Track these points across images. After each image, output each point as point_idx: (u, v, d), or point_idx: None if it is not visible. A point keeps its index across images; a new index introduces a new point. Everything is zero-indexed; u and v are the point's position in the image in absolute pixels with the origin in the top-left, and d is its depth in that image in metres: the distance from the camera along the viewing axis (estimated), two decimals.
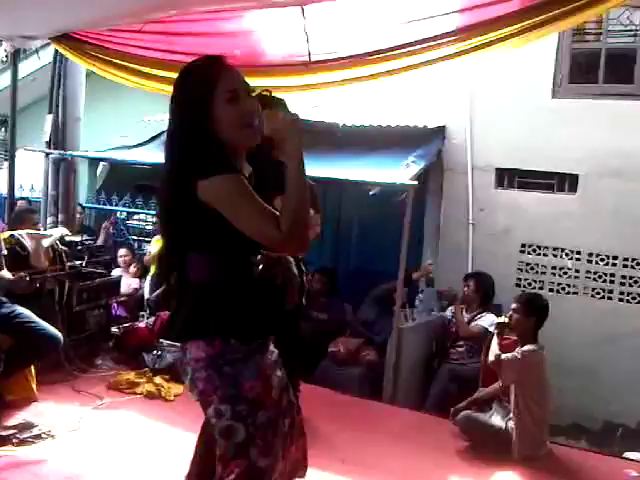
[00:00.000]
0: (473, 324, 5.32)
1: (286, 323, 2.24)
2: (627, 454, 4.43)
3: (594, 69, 5.62)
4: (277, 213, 1.88)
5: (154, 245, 6.93)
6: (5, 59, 7.73)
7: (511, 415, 4.08)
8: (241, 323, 1.99)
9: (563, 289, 5.73)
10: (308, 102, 3.69)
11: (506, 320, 4.26)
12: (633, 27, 5.66)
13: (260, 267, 2.08)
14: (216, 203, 1.88)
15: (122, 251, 7.00)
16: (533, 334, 4.16)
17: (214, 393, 1.98)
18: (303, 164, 1.88)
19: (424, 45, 3.66)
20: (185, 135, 2.00)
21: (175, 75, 2.13)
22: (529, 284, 5.85)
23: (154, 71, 4.60)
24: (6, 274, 4.14)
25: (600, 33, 5.78)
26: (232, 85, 1.96)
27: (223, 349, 1.96)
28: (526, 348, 4.08)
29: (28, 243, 4.66)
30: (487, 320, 5.21)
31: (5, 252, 4.27)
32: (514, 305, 4.25)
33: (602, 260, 5.58)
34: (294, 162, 1.88)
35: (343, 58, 4.02)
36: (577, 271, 5.67)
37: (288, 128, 1.89)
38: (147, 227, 8.09)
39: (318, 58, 4.14)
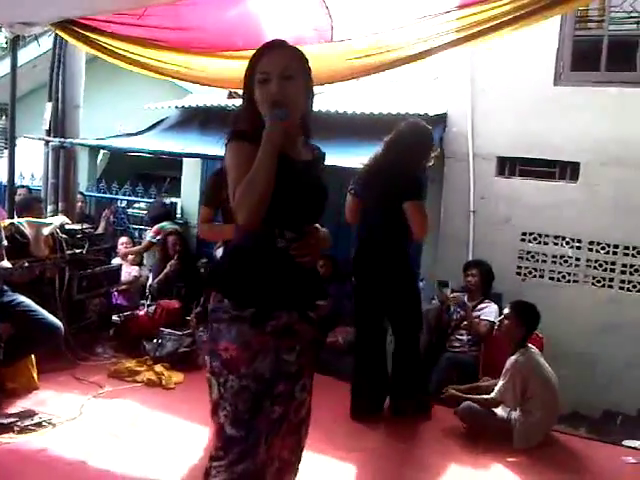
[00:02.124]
0: (476, 313, 5.32)
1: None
2: (626, 442, 4.45)
3: (596, 56, 5.58)
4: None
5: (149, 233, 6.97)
6: (5, 46, 7.71)
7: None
8: (237, 287, 2.11)
9: (564, 277, 5.72)
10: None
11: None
12: (636, 14, 5.61)
13: (288, 242, 2.12)
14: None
15: (123, 239, 7.01)
16: (521, 341, 4.18)
17: (205, 343, 2.21)
18: (270, 145, 2.00)
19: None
20: (240, 107, 2.26)
21: (178, 56, 2.32)
22: (529, 272, 5.84)
23: (155, 53, 4.57)
24: (5, 264, 4.14)
25: (602, 20, 5.74)
26: (264, 68, 2.11)
27: (218, 306, 2.12)
28: (512, 360, 4.09)
29: (28, 231, 4.65)
30: (492, 313, 5.19)
31: (6, 242, 4.27)
32: (507, 311, 4.29)
33: (603, 248, 5.57)
34: (264, 140, 2.01)
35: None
36: (578, 259, 5.66)
37: (267, 110, 2.06)
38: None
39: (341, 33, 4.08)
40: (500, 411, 4.13)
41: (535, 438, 4.02)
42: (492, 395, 4.09)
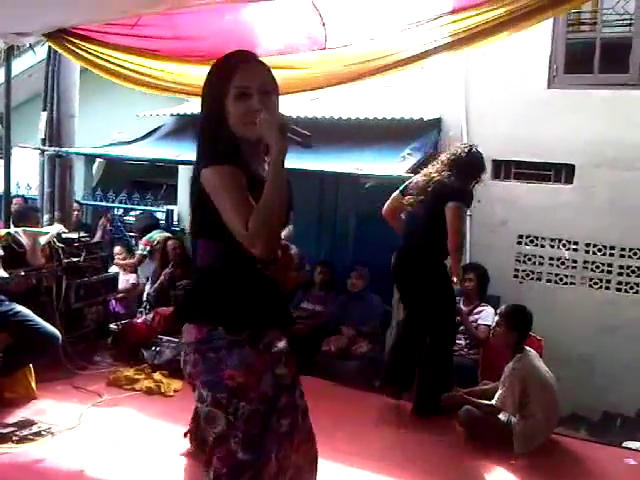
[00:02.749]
0: (473, 318, 5.32)
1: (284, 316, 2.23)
2: (626, 443, 4.45)
3: (589, 59, 5.60)
4: (252, 209, 1.89)
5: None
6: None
7: None
8: (230, 311, 2.02)
9: (561, 280, 5.73)
10: (307, 95, 3.67)
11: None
12: (628, 16, 5.64)
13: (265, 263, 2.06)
14: (210, 193, 1.94)
15: (117, 249, 7.00)
16: (517, 346, 4.18)
17: (198, 377, 2.05)
18: (282, 169, 1.90)
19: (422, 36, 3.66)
20: (203, 126, 2.08)
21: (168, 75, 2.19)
22: (527, 275, 5.85)
23: (148, 66, 4.57)
24: (1, 273, 4.14)
25: (595, 23, 5.76)
26: (243, 82, 1.99)
27: (210, 335, 2.01)
28: (510, 366, 4.09)
29: (24, 240, 4.65)
30: (489, 316, 5.20)
31: (2, 253, 4.26)
32: (497, 318, 4.30)
33: (599, 250, 5.58)
34: (275, 164, 1.90)
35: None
36: (574, 261, 5.67)
37: (274, 132, 1.90)
38: None
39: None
40: (501, 415, 4.13)
41: (535, 442, 4.01)
42: (493, 402, 4.08)
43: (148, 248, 6.73)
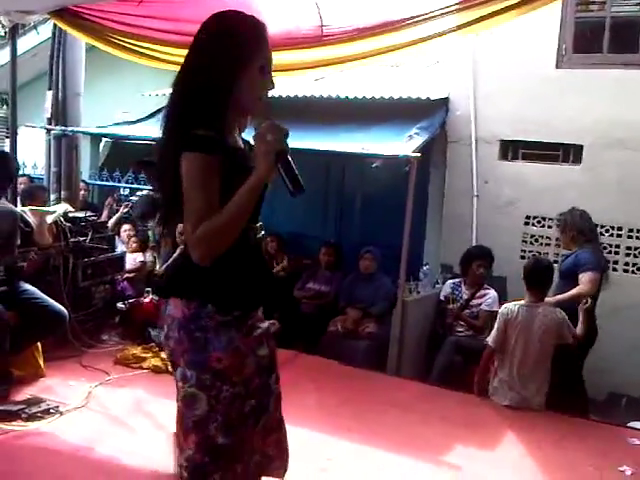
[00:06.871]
0: (477, 302, 5.34)
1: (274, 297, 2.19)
2: (631, 423, 4.47)
3: (598, 38, 5.56)
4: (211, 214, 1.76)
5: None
6: (4, 34, 7.68)
7: None
8: (222, 290, 1.91)
9: None
10: (312, 74, 3.67)
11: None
12: None
13: (256, 237, 2.02)
14: (183, 177, 1.80)
15: (125, 226, 6.99)
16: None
17: (182, 356, 1.92)
18: (256, 195, 1.77)
19: (429, 16, 3.62)
20: (199, 92, 1.85)
21: (175, 51, 2.09)
22: (533, 256, 5.83)
23: (153, 46, 4.55)
24: None
25: (604, 2, 5.70)
26: (268, 55, 1.89)
27: (198, 313, 1.89)
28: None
29: (31, 219, 4.66)
30: (492, 302, 5.26)
31: (19, 242, 4.26)
32: None
33: (607, 231, 5.57)
34: (252, 189, 1.76)
35: (356, 30, 3.96)
36: None
37: (269, 158, 1.73)
38: None
39: (331, 30, 4.07)
40: None
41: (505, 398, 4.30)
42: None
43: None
